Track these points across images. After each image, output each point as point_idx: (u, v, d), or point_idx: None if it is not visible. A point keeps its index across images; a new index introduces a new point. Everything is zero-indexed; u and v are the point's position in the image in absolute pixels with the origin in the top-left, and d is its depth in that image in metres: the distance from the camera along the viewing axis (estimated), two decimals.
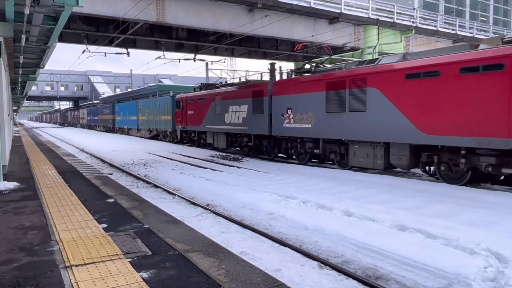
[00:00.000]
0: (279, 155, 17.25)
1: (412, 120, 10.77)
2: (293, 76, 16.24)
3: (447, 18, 29.32)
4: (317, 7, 19.90)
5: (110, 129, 46.26)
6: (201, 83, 24.44)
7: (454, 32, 26.55)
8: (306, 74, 15.38)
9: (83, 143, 28.47)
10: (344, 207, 7.72)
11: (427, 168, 11.35)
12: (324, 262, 5.31)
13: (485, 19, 40.96)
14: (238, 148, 20.05)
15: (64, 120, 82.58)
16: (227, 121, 19.50)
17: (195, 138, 24.16)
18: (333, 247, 5.98)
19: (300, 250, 5.82)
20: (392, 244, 5.75)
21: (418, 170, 12.02)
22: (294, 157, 16.23)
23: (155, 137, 32.26)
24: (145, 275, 3.54)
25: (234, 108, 18.88)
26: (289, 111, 15.15)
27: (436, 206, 7.96)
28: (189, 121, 23.95)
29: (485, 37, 28.05)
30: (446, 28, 26.79)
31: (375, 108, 11.83)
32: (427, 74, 10.37)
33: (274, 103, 16.04)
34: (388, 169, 12.14)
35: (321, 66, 15.40)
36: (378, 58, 12.61)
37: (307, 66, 15.98)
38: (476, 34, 28.35)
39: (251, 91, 17.54)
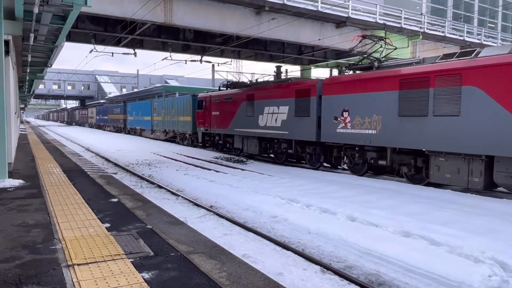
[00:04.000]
0: (324, 164, 15.15)
1: None
2: (348, 73, 14.11)
3: (455, 24, 29.20)
4: (325, 11, 19.88)
5: (121, 130, 44.08)
6: (228, 81, 22.40)
7: (462, 38, 26.41)
8: (357, 71, 13.44)
9: (88, 142, 28.60)
10: (348, 212, 7.69)
11: None
12: (326, 267, 5.28)
13: (493, 25, 40.73)
14: (272, 155, 17.87)
15: (71, 119, 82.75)
16: (261, 124, 17.37)
17: (220, 142, 21.77)
18: (336, 251, 5.95)
19: (303, 254, 5.79)
20: (395, 250, 5.71)
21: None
22: (346, 168, 14.15)
23: (171, 139, 29.97)
24: (146, 275, 3.54)
25: (270, 110, 16.74)
26: (345, 114, 13.04)
27: (440, 213, 7.90)
28: (213, 123, 21.79)
29: (493, 44, 27.91)
30: (454, 34, 26.65)
31: (475, 112, 9.60)
32: None
33: (325, 104, 13.93)
34: (489, 189, 9.97)
35: (383, 61, 13.16)
36: (475, 50, 10.26)
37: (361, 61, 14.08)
38: (484, 40, 28.20)
39: (294, 90, 15.42)
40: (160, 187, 11.19)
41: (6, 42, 8.85)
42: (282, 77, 19.07)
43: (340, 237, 6.39)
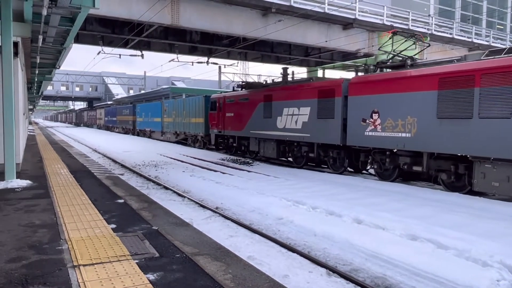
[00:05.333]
0: (348, 169, 14.31)
1: None
2: (376, 72, 13.15)
3: (463, 26, 28.99)
4: (331, 12, 19.85)
5: (130, 131, 43.35)
6: (243, 81, 21.59)
7: (470, 40, 26.20)
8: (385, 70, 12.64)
9: (96, 143, 28.79)
10: (354, 214, 7.64)
11: None
12: (332, 270, 5.25)
13: (502, 27, 40.38)
14: (291, 159, 16.97)
15: (79, 120, 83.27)
16: (279, 126, 16.47)
17: (234, 145, 20.84)
18: (342, 254, 5.91)
19: (308, 256, 5.76)
20: (402, 254, 5.66)
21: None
22: (373, 173, 13.29)
23: (182, 141, 29.24)
24: (151, 277, 3.54)
25: (290, 111, 15.82)
26: (375, 116, 12.14)
27: (448, 216, 7.82)
28: (227, 124, 20.86)
29: (502, 45, 27.64)
30: (462, 36, 26.46)
31: None
32: None
33: (351, 106, 13.03)
34: None
35: (416, 59, 12.39)
36: None
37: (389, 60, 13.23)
38: (493, 42, 27.94)
39: (317, 91, 14.52)
40: (166, 188, 11.22)
41: (15, 44, 8.95)
42: (289, 79, 18.72)
43: (346, 240, 6.35)
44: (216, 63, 27.14)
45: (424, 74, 10.91)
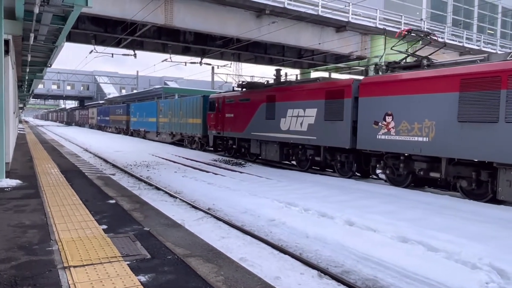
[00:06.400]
0: (357, 173, 13.69)
1: None
2: (387, 72, 12.54)
3: (454, 30, 29.32)
4: (325, 15, 19.95)
5: (124, 131, 42.42)
6: (243, 81, 20.92)
7: (461, 44, 26.51)
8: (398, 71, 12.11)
9: (87, 143, 28.55)
10: (346, 216, 7.68)
11: None
12: (324, 271, 5.27)
13: (493, 32, 40.90)
14: (295, 162, 16.38)
15: (71, 119, 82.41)
16: (283, 128, 15.77)
17: (234, 147, 20.05)
18: (333, 256, 5.93)
19: (300, 258, 5.77)
20: (393, 256, 5.70)
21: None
22: (384, 178, 12.67)
23: (178, 142, 28.44)
24: (143, 278, 3.52)
25: (295, 112, 15.15)
26: (389, 118, 11.55)
27: (438, 219, 7.90)
28: (226, 125, 20.11)
29: (492, 50, 28.01)
30: (453, 40, 26.75)
31: None
32: None
33: (362, 107, 12.39)
34: None
35: (431, 59, 11.87)
36: None
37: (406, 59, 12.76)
38: (483, 47, 28.31)
39: (324, 91, 13.86)
40: (158, 189, 11.17)
41: (6, 42, 8.84)
42: (282, 80, 18.65)
43: (338, 242, 6.38)
44: (209, 64, 27.15)
45: (444, 75, 10.25)
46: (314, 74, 29.81)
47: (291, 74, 30.47)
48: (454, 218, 7.98)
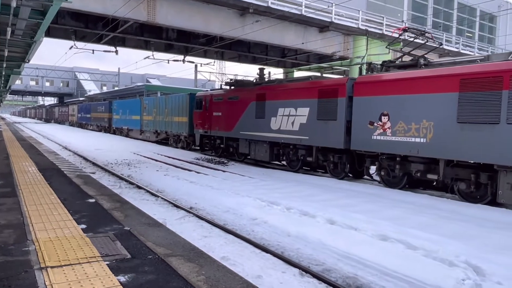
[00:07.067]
0: (349, 174, 13.40)
1: None
2: (382, 71, 12.26)
3: (434, 33, 29.90)
4: (308, 15, 20.06)
5: (106, 129, 41.06)
6: (231, 79, 20.21)
7: (441, 46, 27.02)
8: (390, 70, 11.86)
9: (67, 140, 27.99)
10: (328, 215, 7.74)
11: None
12: (305, 270, 5.30)
13: (471, 35, 41.91)
14: (285, 163, 16.04)
15: (50, 116, 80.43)
16: (273, 128, 15.36)
17: (222, 146, 19.53)
18: (314, 254, 5.98)
19: (282, 257, 5.80)
20: (373, 254, 5.78)
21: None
22: (377, 179, 12.49)
23: (163, 141, 27.74)
24: (122, 279, 3.46)
25: (286, 111, 14.75)
26: (385, 118, 11.31)
27: (418, 217, 8.05)
28: (214, 124, 19.58)
29: (470, 53, 28.70)
30: (433, 42, 27.26)
31: None
32: None
33: (357, 107, 12.14)
34: None
35: (427, 59, 11.69)
36: None
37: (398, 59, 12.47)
38: (462, 49, 28.97)
39: (317, 90, 13.50)
40: (139, 187, 11.03)
41: None
42: (271, 79, 18.55)
43: (319, 240, 6.43)
44: (193, 62, 26.94)
45: (443, 74, 10.03)
46: (297, 74, 29.97)
47: (275, 73, 30.56)
48: (432, 216, 8.15)
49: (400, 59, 12.50)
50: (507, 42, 39.17)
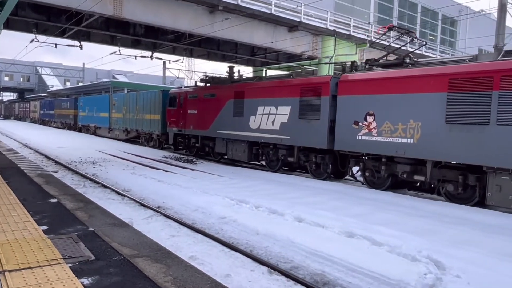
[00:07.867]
0: (331, 175, 12.97)
1: None
2: (365, 70, 11.93)
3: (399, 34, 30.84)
4: (278, 14, 20.18)
5: (71, 126, 39.22)
6: (206, 76, 19.53)
7: (404, 48, 27.92)
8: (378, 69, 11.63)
9: (27, 138, 26.81)
10: (296, 213, 7.82)
11: None
12: (273, 268, 5.33)
13: (433, 38, 43.53)
14: (264, 163, 15.57)
15: (9, 112, 76.61)
16: (252, 127, 14.87)
17: (197, 145, 18.92)
18: (283, 252, 6.02)
19: (251, 255, 5.81)
20: (340, 251, 5.89)
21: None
22: (361, 180, 12.27)
23: (134, 140, 26.82)
24: (86, 281, 3.36)
25: (266, 110, 14.28)
26: (370, 118, 11.02)
27: (382, 214, 8.28)
28: (188, 123, 18.92)
29: (433, 55, 29.81)
30: (398, 44, 28.12)
31: None
32: None
33: (341, 106, 11.79)
34: None
35: (412, 58, 11.54)
36: None
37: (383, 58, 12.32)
38: (425, 51, 30.03)
39: (299, 88, 13.07)
40: (104, 186, 10.74)
41: None
42: (235, 78, 18.48)
43: (287, 238, 6.48)
44: (161, 58, 26.55)
45: (431, 74, 9.78)
46: (270, 73, 30.08)
47: (244, 72, 30.52)
48: (396, 213, 8.41)
49: (385, 58, 12.41)
50: (466, 46, 40.97)
